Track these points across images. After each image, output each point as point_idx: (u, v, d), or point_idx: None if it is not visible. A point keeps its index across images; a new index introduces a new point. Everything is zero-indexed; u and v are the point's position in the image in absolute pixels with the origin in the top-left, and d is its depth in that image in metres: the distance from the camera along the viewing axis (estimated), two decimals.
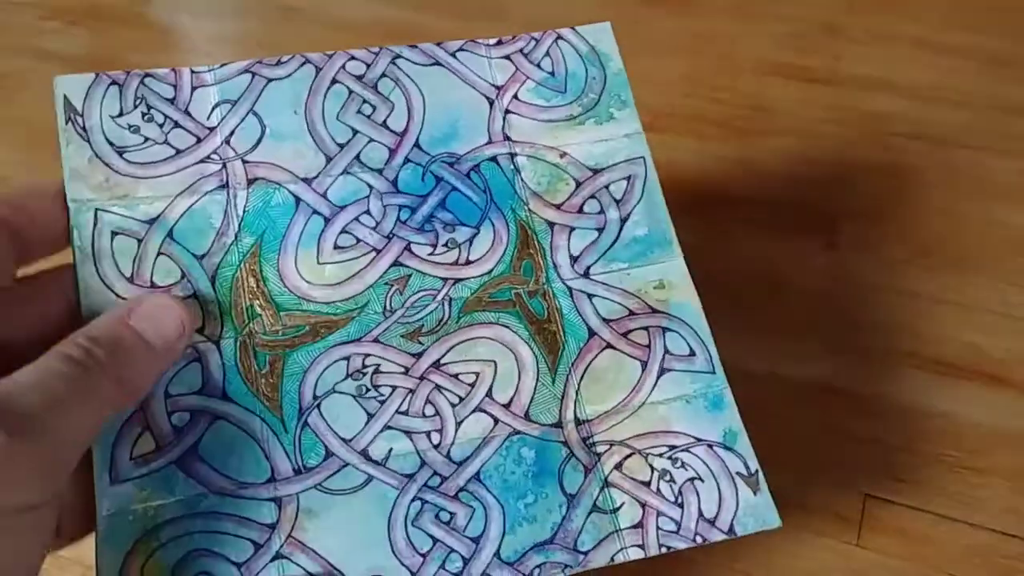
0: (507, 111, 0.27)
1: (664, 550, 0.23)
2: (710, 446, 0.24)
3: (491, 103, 0.27)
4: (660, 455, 0.24)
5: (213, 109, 0.25)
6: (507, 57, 0.28)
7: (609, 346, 0.25)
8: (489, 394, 0.24)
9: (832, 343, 0.35)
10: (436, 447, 0.23)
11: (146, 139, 0.25)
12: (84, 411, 0.19)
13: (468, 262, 0.25)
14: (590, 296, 0.25)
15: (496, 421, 0.24)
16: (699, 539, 0.23)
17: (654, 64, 0.41)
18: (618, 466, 0.23)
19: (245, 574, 0.22)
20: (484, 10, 0.44)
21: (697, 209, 0.37)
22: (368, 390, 0.24)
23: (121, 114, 0.25)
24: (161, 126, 0.25)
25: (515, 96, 0.27)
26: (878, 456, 0.33)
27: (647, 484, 0.23)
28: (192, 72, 0.26)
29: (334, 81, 0.26)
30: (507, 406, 0.24)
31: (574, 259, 0.25)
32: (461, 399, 0.24)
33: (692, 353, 0.25)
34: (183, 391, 0.23)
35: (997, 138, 0.38)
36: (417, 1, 0.45)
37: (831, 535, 0.32)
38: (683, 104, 0.39)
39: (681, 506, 0.23)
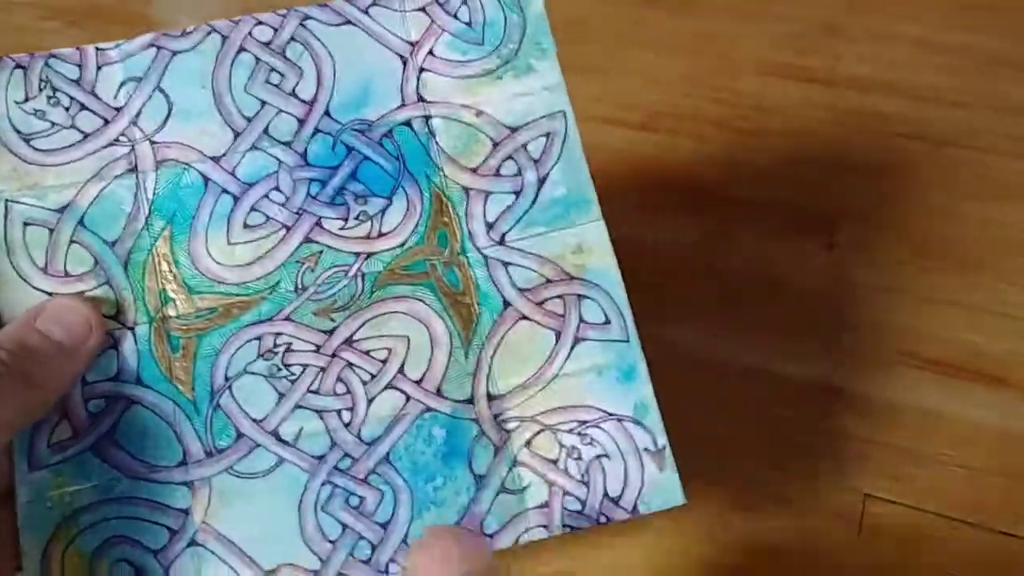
0: (421, 69, 0.25)
1: (567, 530, 0.23)
2: (620, 420, 0.23)
3: (404, 62, 0.25)
4: (569, 431, 0.23)
5: (120, 88, 0.25)
6: (422, 9, 0.26)
7: (524, 317, 0.24)
8: (401, 370, 0.23)
9: (831, 343, 0.35)
10: (347, 426, 0.23)
11: (53, 124, 0.24)
12: None
13: (380, 235, 0.24)
14: (506, 265, 0.24)
15: (408, 398, 0.23)
16: (603, 519, 0.23)
17: (653, 64, 0.41)
18: (527, 443, 0.23)
19: (161, 561, 0.22)
20: None
21: (696, 209, 0.37)
22: (280, 369, 0.23)
23: (27, 99, 0.24)
24: (67, 109, 0.24)
25: (430, 52, 0.26)
26: (877, 456, 0.33)
27: (554, 463, 0.23)
28: (97, 50, 0.25)
29: (241, 50, 0.25)
30: (419, 382, 0.23)
31: (490, 226, 0.25)
32: (372, 376, 0.23)
33: (607, 321, 0.24)
34: (99, 378, 0.23)
35: (997, 138, 0.38)
36: None
37: (830, 535, 0.32)
38: (682, 104, 0.39)
39: (587, 484, 0.23)
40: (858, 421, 0.33)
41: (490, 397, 0.23)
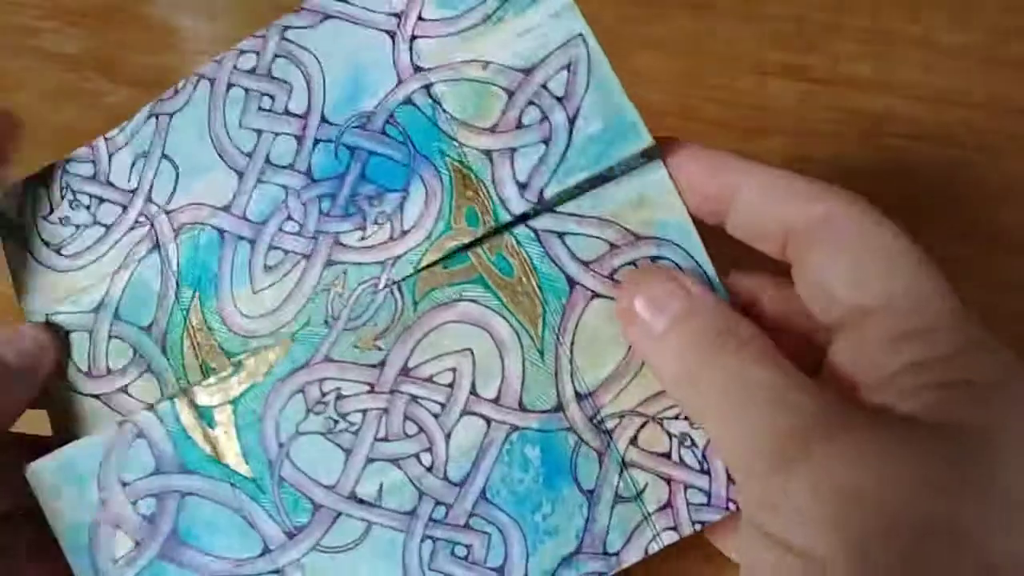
0: (413, 37, 0.23)
1: (698, 527, 0.20)
2: None
3: (392, 36, 0.23)
4: (676, 417, 0.21)
5: (131, 169, 0.23)
6: None
7: (596, 295, 0.21)
8: (473, 391, 0.21)
9: None
10: (430, 470, 0.21)
11: (78, 227, 0.23)
12: None
13: (403, 233, 0.22)
14: (560, 235, 0.21)
15: (489, 422, 0.21)
16: (732, 505, 0.20)
17: (653, 64, 0.41)
18: (633, 440, 0.21)
19: None
20: None
21: None
22: (337, 422, 0.21)
23: (51, 211, 0.24)
24: (88, 208, 0.23)
25: (419, 17, 0.23)
26: None
27: (667, 456, 0.21)
28: (105, 140, 0.24)
29: (229, 86, 0.23)
30: (496, 400, 0.21)
31: (523, 186, 0.21)
32: (443, 406, 0.21)
33: None
34: (139, 475, 0.21)
35: (999, 138, 0.38)
36: None
37: None
38: (682, 104, 0.39)
39: (708, 472, 0.20)
40: None
41: (579, 397, 0.21)
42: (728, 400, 0.17)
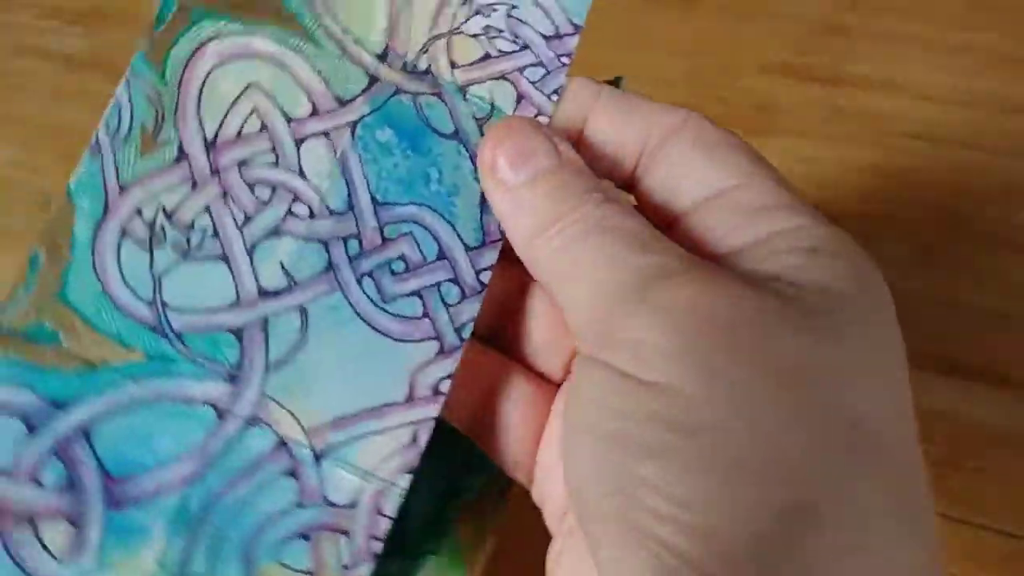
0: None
1: (555, 97, 0.19)
2: None
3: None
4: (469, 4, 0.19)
5: None
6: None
7: None
8: (288, 118, 0.18)
9: None
10: (312, 216, 0.18)
11: None
12: None
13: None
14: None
15: (326, 134, 0.18)
16: (565, 60, 0.19)
17: (655, 64, 0.41)
18: (453, 63, 0.19)
19: None
20: None
21: None
22: (188, 239, 0.18)
23: None
24: None
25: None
26: None
27: (487, 57, 0.19)
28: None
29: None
30: (315, 113, 0.18)
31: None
32: (273, 150, 0.18)
33: None
34: (17, 449, 0.17)
35: (1003, 138, 0.38)
36: None
37: None
38: (684, 104, 0.39)
39: (527, 47, 0.19)
40: None
41: (380, 58, 0.19)
42: (585, 245, 0.16)
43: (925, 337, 0.35)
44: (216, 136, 0.18)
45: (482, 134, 0.19)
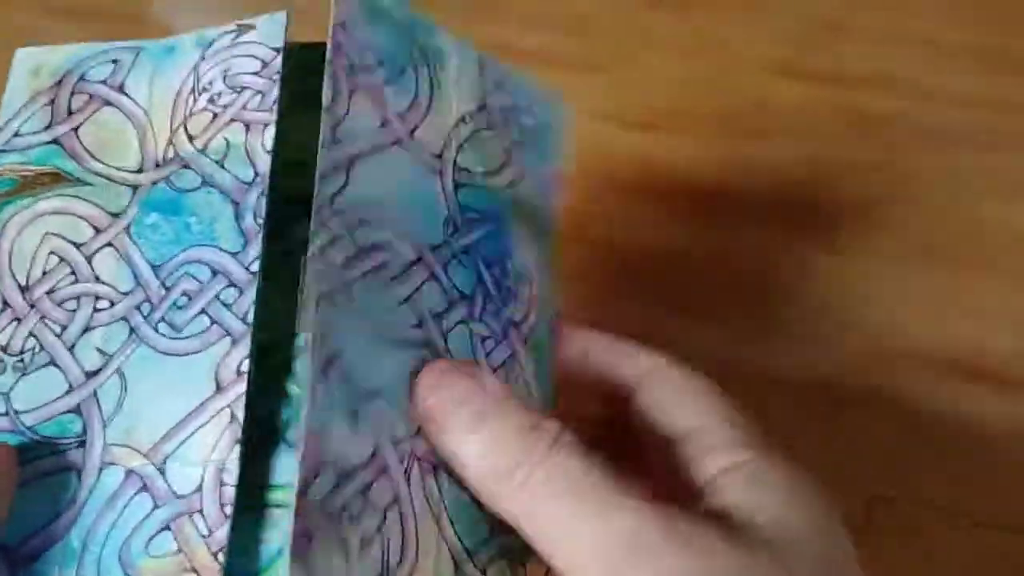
0: (411, 131, 0.23)
1: None
2: None
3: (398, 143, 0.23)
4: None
5: None
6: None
7: None
8: (74, 273, 0.22)
9: (833, 344, 0.34)
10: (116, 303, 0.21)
11: None
12: None
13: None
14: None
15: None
16: None
17: (656, 63, 0.41)
18: (190, 138, 0.22)
19: None
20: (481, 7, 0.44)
21: (697, 209, 0.37)
22: (21, 361, 0.22)
23: None
24: None
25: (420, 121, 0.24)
26: (881, 457, 0.33)
27: (215, 117, 0.22)
28: None
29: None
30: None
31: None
32: (73, 273, 0.22)
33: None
34: None
35: (1002, 137, 0.38)
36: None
37: None
38: (683, 103, 0.39)
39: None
40: (860, 422, 0.33)
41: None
42: (557, 499, 0.18)
43: (926, 337, 0.35)
44: (28, 280, 0.22)
45: (224, 169, 0.22)
